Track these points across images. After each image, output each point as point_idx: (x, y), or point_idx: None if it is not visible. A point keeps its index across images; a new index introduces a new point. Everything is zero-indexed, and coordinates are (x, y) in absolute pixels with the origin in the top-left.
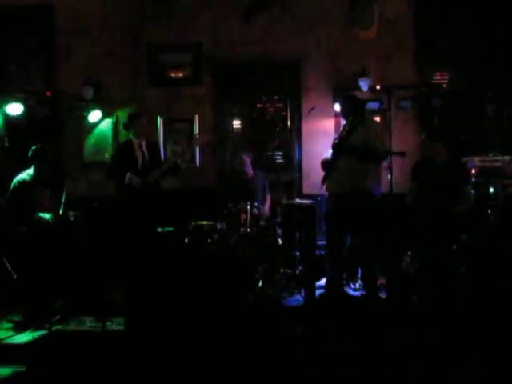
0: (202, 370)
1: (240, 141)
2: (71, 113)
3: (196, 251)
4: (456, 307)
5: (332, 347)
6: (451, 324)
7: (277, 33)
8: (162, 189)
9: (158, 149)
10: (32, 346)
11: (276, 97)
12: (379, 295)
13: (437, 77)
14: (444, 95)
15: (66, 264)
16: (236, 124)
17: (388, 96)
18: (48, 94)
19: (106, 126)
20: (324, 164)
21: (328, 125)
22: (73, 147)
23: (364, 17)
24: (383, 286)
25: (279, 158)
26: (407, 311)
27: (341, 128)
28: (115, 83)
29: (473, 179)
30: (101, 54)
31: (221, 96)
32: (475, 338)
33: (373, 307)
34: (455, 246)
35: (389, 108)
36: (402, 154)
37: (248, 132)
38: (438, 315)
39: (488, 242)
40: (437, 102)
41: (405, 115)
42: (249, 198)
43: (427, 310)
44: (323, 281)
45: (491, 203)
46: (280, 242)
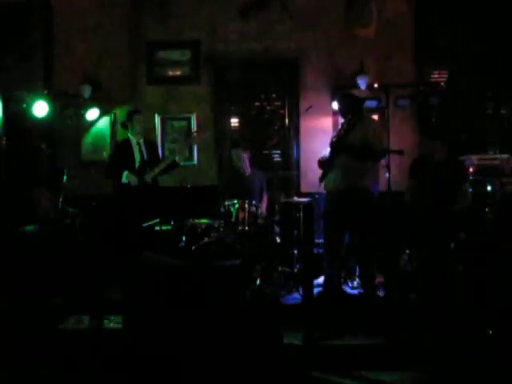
0: (201, 369)
1: (237, 139)
2: (69, 111)
3: (194, 249)
4: (454, 305)
5: (330, 345)
6: (449, 322)
7: (275, 31)
8: (160, 187)
9: (156, 147)
10: (30, 346)
11: (274, 95)
12: (377, 293)
13: (435, 75)
14: (442, 94)
15: (65, 262)
16: (234, 122)
17: (386, 94)
18: (46, 93)
19: (104, 125)
20: (322, 162)
21: (326, 123)
22: (71, 146)
23: (362, 15)
24: (381, 284)
25: (277, 157)
26: (405, 309)
27: (339, 126)
28: (113, 81)
29: (471, 177)
30: (99, 52)
31: (219, 94)
32: (473, 337)
33: (371, 305)
34: (453, 244)
35: (387, 106)
36: (400, 153)
37: (246, 130)
38: (436, 313)
39: (486, 240)
40: (435, 101)
41: (403, 114)
42: (247, 197)
43: (425, 309)
44: (321, 279)
45: (489, 201)
46: (278, 241)
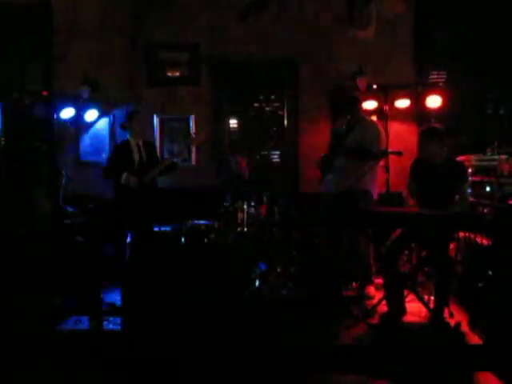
0: (200, 370)
1: (236, 140)
2: (69, 113)
3: (193, 250)
4: (452, 305)
5: (330, 346)
6: (448, 322)
7: (274, 32)
8: (159, 188)
9: (155, 149)
10: (30, 347)
11: (273, 96)
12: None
13: (434, 76)
14: (441, 93)
15: (63, 264)
16: (233, 123)
17: (385, 95)
18: (44, 93)
19: (103, 126)
20: (321, 163)
21: (325, 124)
22: (69, 147)
23: (361, 17)
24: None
25: (276, 158)
26: (403, 309)
27: (338, 127)
28: (112, 82)
29: (470, 178)
30: (98, 54)
31: (218, 95)
32: (471, 337)
33: (369, 306)
34: (452, 245)
35: (386, 107)
36: (399, 154)
37: (245, 131)
38: (435, 314)
39: (484, 241)
40: (434, 101)
41: (402, 114)
42: (245, 198)
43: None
44: (320, 280)
45: (488, 202)
46: (277, 242)
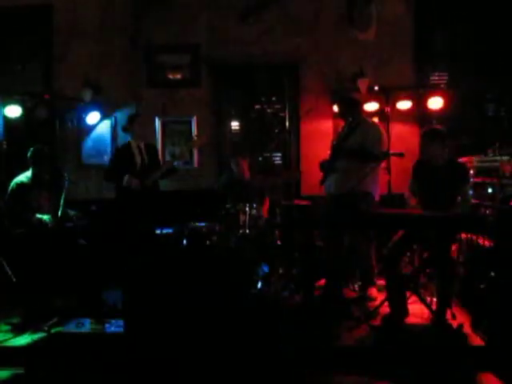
0: (202, 372)
1: (237, 143)
2: (70, 114)
3: (195, 253)
4: (455, 307)
5: (330, 346)
6: (451, 324)
7: (275, 34)
8: (161, 190)
9: (157, 151)
10: (31, 349)
11: (274, 98)
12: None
13: (435, 77)
14: (443, 95)
15: (65, 266)
16: (234, 125)
17: (386, 97)
18: (46, 96)
19: (105, 128)
20: (322, 165)
21: (326, 126)
22: (71, 149)
23: (362, 18)
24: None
25: (277, 160)
26: (406, 311)
27: (339, 129)
28: (114, 84)
29: (471, 179)
30: (99, 55)
31: (219, 97)
32: (473, 338)
33: (371, 307)
34: (454, 247)
35: (387, 109)
36: (401, 155)
37: (246, 133)
38: (437, 315)
39: (486, 242)
40: (435, 103)
41: (403, 116)
42: (247, 200)
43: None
44: (322, 282)
45: (489, 203)
46: (279, 243)
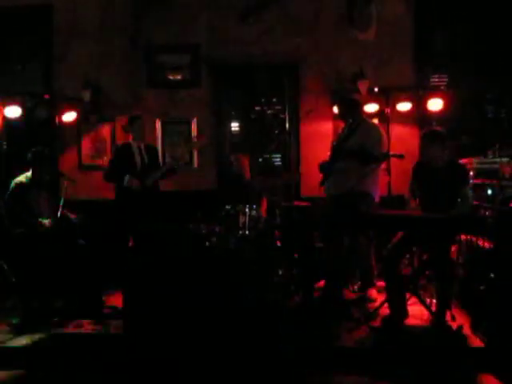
0: (202, 372)
1: (237, 143)
2: (70, 115)
3: (195, 253)
4: (454, 308)
5: (330, 346)
6: (450, 325)
7: (275, 34)
8: (161, 191)
9: (157, 152)
10: (30, 349)
11: (274, 99)
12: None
13: (435, 78)
14: (443, 97)
15: (65, 267)
16: (234, 126)
17: (386, 98)
18: (46, 96)
19: (105, 129)
20: (322, 166)
21: (326, 127)
22: (71, 149)
23: (362, 18)
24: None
25: (277, 161)
26: (405, 312)
27: (339, 130)
28: (114, 85)
29: (471, 181)
30: (99, 55)
31: (219, 98)
32: (473, 340)
33: (371, 309)
34: (453, 248)
35: (387, 110)
36: (401, 157)
37: (246, 134)
38: (437, 316)
39: (486, 244)
40: (435, 104)
41: (403, 117)
42: (247, 201)
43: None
44: (322, 283)
45: (489, 205)
46: (278, 244)
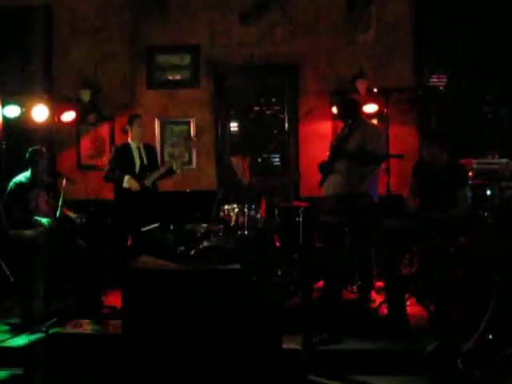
0: (201, 372)
1: (236, 144)
2: (69, 115)
3: (193, 254)
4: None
5: (329, 349)
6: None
7: (275, 35)
8: (160, 191)
9: (156, 152)
10: (29, 349)
11: (273, 99)
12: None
13: (434, 79)
14: (442, 97)
15: (64, 266)
16: (233, 126)
17: (386, 98)
18: (45, 97)
19: (104, 129)
20: (321, 167)
21: (325, 127)
22: (70, 149)
23: (362, 20)
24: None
25: (276, 161)
26: (404, 312)
27: (339, 131)
28: (113, 85)
29: (470, 181)
30: (99, 56)
31: (218, 98)
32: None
33: (369, 309)
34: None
35: (387, 111)
36: (401, 157)
37: (245, 134)
38: (436, 316)
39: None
40: (435, 105)
41: (403, 118)
42: (246, 201)
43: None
44: (321, 283)
45: (488, 205)
46: (278, 245)
